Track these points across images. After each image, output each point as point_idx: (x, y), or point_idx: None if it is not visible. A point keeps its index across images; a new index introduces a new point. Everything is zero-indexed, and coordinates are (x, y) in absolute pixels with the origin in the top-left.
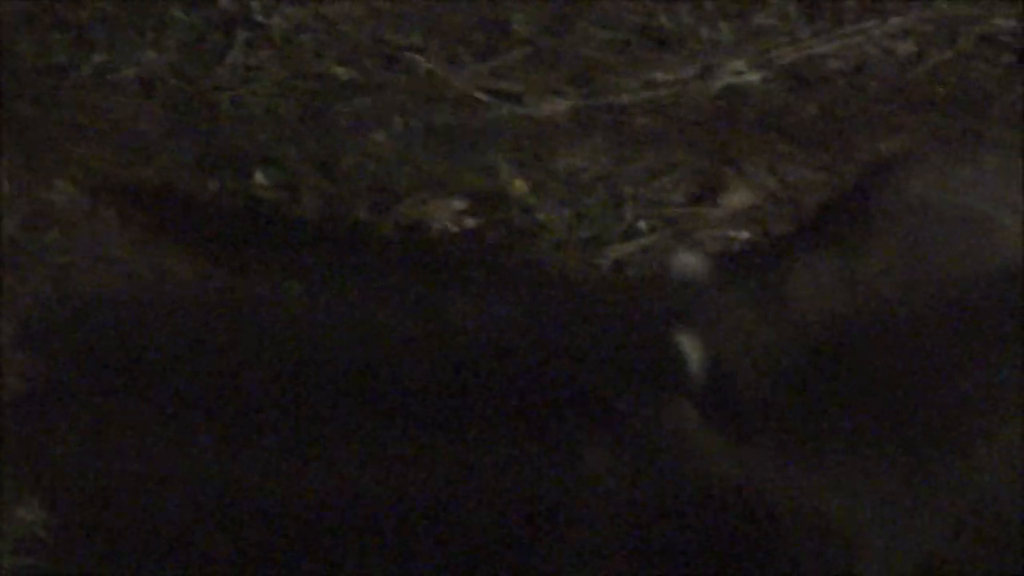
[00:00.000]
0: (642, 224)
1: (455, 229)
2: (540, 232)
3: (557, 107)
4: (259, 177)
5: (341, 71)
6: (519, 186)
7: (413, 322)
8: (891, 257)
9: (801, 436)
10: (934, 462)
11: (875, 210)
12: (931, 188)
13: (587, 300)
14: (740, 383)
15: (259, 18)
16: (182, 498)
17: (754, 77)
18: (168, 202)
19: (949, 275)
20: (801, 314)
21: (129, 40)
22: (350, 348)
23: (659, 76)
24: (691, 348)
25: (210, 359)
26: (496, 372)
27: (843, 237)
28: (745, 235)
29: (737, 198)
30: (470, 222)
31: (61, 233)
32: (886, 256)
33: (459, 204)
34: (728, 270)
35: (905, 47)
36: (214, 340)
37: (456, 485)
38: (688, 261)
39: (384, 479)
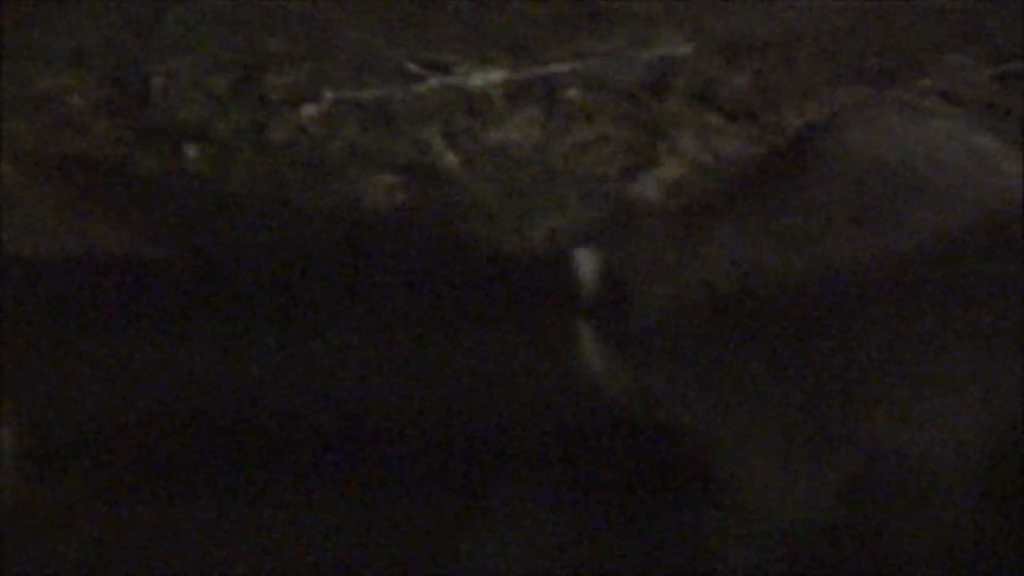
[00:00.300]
0: (573, 197)
1: (387, 203)
2: (472, 206)
3: (489, 79)
4: (191, 151)
5: (273, 44)
6: (451, 160)
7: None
8: (823, 212)
9: (701, 367)
10: (833, 419)
11: (811, 164)
12: (870, 145)
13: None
14: (641, 303)
15: None
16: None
17: (686, 49)
18: (101, 175)
19: (879, 235)
20: (721, 257)
21: (63, 14)
22: (281, 325)
23: (591, 48)
24: (586, 261)
25: (141, 329)
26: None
27: (776, 191)
28: (675, 206)
29: (668, 171)
30: (402, 196)
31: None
32: (817, 211)
33: (391, 178)
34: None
35: (838, 18)
36: (142, 311)
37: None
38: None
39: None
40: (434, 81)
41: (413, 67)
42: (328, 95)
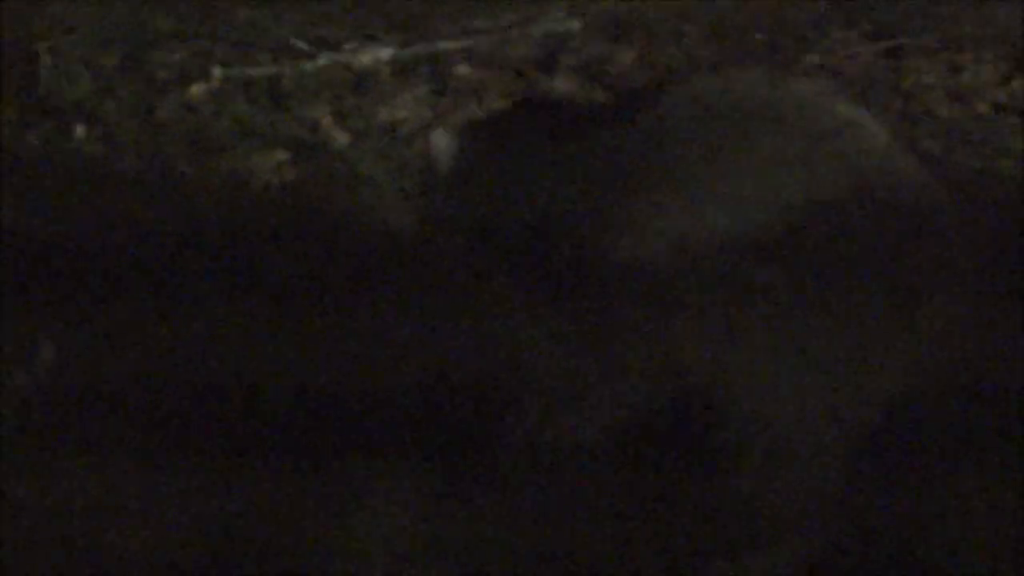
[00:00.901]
0: None
1: (276, 180)
2: (361, 183)
3: (377, 55)
4: (79, 131)
5: (159, 21)
6: (340, 137)
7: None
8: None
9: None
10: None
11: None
12: (721, 93)
13: None
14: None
15: None
16: None
17: (574, 25)
18: None
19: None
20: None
21: None
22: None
23: (479, 24)
24: (442, 142)
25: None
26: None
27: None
28: None
29: None
30: (291, 173)
31: None
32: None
33: (280, 155)
34: None
35: None
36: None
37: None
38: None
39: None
40: (323, 59)
41: (301, 44)
42: (217, 71)
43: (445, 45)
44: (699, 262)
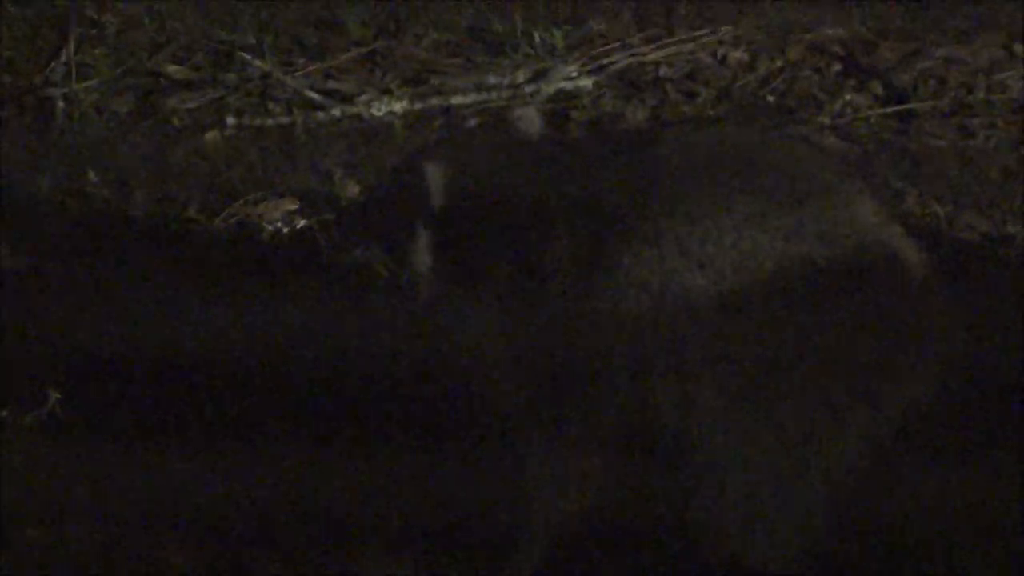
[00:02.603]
0: None
1: (286, 229)
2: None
3: (391, 108)
4: (91, 175)
5: (174, 69)
6: (350, 187)
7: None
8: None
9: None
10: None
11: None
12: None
13: None
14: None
15: (92, 15)
16: None
17: (586, 82)
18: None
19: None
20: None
21: None
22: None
23: (492, 79)
24: (435, 176)
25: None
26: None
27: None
28: None
29: None
30: (302, 222)
31: None
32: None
33: (291, 205)
34: None
35: (736, 55)
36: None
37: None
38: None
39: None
40: (336, 110)
41: (315, 95)
42: (230, 120)
43: (458, 100)
44: (673, 317)
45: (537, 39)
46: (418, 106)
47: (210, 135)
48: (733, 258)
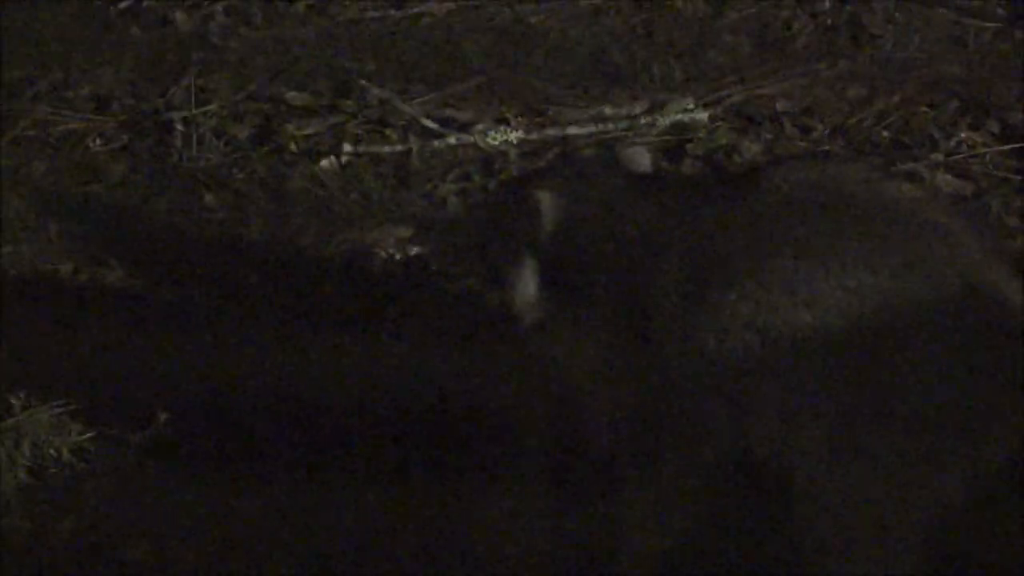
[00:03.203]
0: None
1: (399, 256)
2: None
3: (506, 138)
4: (208, 198)
5: (293, 95)
6: (464, 215)
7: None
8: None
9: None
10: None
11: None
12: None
13: None
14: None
15: (215, 40)
16: None
17: (702, 115)
18: (117, 219)
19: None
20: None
21: (86, 57)
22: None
23: (608, 110)
24: (547, 204)
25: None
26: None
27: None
28: None
29: None
30: (415, 249)
31: (12, 248)
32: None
33: (404, 232)
34: None
35: (855, 90)
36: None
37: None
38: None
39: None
40: (453, 138)
41: (431, 123)
42: (347, 147)
43: (574, 131)
44: (777, 355)
45: (655, 71)
46: (534, 135)
47: (326, 161)
48: (839, 297)
